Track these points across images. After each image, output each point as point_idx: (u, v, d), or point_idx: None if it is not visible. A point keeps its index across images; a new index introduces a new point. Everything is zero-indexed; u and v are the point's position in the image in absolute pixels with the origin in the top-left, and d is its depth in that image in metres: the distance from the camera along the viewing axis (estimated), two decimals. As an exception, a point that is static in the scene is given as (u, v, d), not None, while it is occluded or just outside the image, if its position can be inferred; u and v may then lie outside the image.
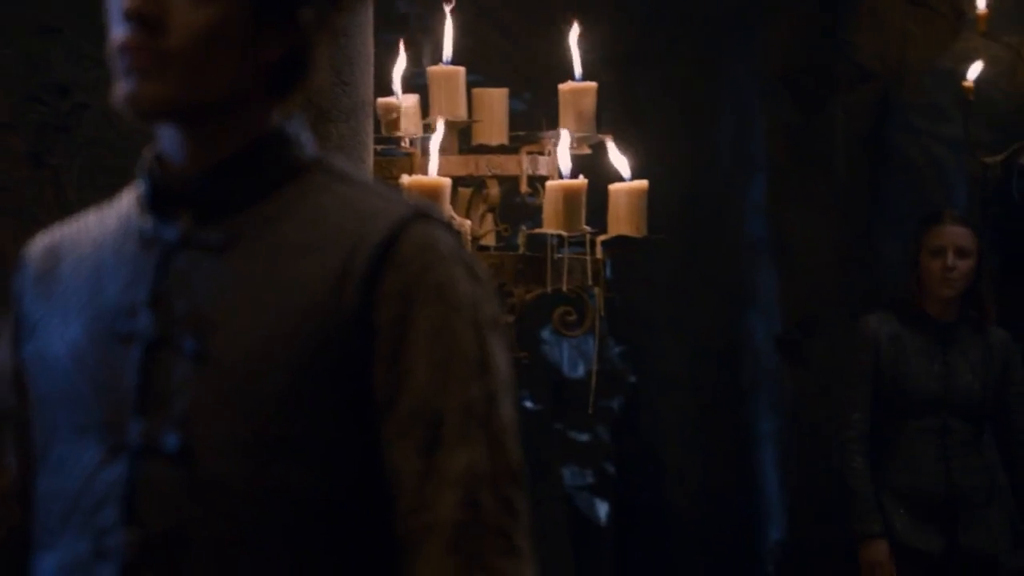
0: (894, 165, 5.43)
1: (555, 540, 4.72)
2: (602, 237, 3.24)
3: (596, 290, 3.27)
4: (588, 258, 3.23)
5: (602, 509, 4.98)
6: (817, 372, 5.39)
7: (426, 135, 3.23)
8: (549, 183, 3.24)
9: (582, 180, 3.22)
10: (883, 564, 4.18)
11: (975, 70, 4.67)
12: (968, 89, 4.63)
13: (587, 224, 3.22)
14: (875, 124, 5.45)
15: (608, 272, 3.39)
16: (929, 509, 4.17)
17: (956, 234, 4.26)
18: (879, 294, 5.45)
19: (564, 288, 3.22)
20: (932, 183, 5.40)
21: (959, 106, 4.80)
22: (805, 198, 5.41)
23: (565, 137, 3.23)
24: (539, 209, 3.28)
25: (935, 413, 4.19)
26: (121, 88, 1.43)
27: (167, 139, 1.48)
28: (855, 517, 4.20)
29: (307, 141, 1.51)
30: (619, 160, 3.27)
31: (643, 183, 3.26)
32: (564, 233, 3.19)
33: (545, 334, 4.83)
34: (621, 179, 3.27)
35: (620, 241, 3.24)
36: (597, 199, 3.27)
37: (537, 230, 3.25)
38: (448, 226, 1.45)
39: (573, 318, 3.28)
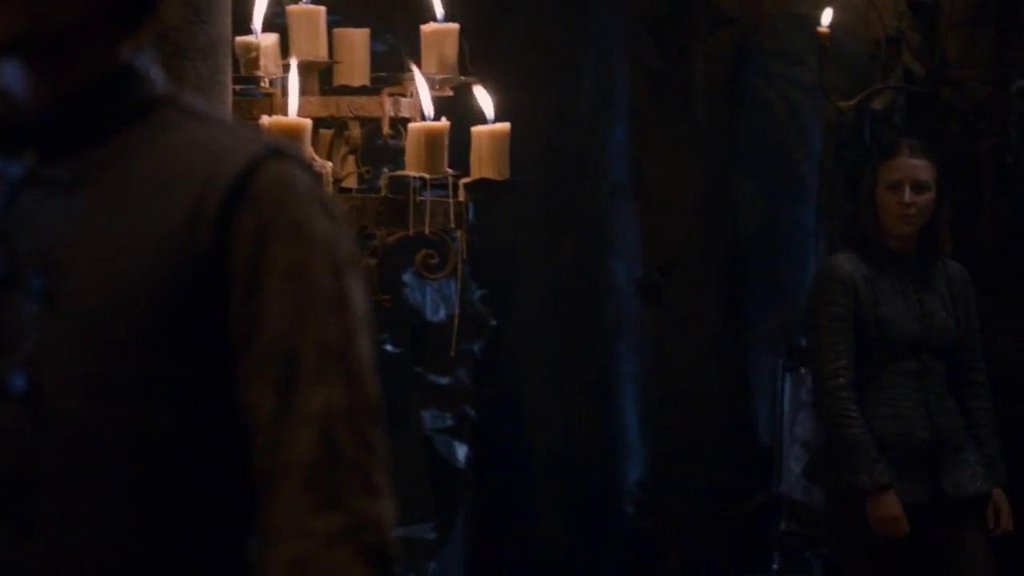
0: (752, 109, 5.50)
1: (414, 482, 4.73)
2: (465, 180, 3.24)
3: (458, 233, 3.27)
4: (451, 201, 3.22)
5: (461, 451, 5.00)
6: (677, 314, 5.46)
7: (286, 75, 3.18)
8: (411, 125, 3.22)
9: (444, 122, 3.20)
10: (899, 518, 3.84)
11: (829, 16, 4.73)
12: (823, 35, 4.69)
13: (450, 167, 3.21)
14: (734, 69, 5.51)
15: (471, 215, 3.38)
16: (914, 457, 3.91)
17: (914, 167, 3.96)
18: (737, 236, 5.54)
19: (426, 231, 3.21)
20: (788, 127, 5.48)
21: (814, 51, 4.86)
22: (666, 142, 5.45)
23: (422, 79, 3.21)
24: (401, 151, 3.26)
25: (915, 355, 3.95)
26: (-41, 22, 1.39)
27: (9, 73, 1.43)
28: (860, 468, 3.84)
29: (158, 77, 1.47)
30: (484, 102, 3.26)
31: (505, 126, 3.26)
32: (426, 175, 3.17)
33: (407, 277, 4.82)
34: (484, 121, 3.26)
35: (483, 184, 3.24)
36: (460, 142, 3.26)
37: (399, 172, 3.23)
38: (304, 164, 1.44)
39: (435, 261, 3.28)
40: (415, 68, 3.23)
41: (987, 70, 5.08)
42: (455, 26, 3.34)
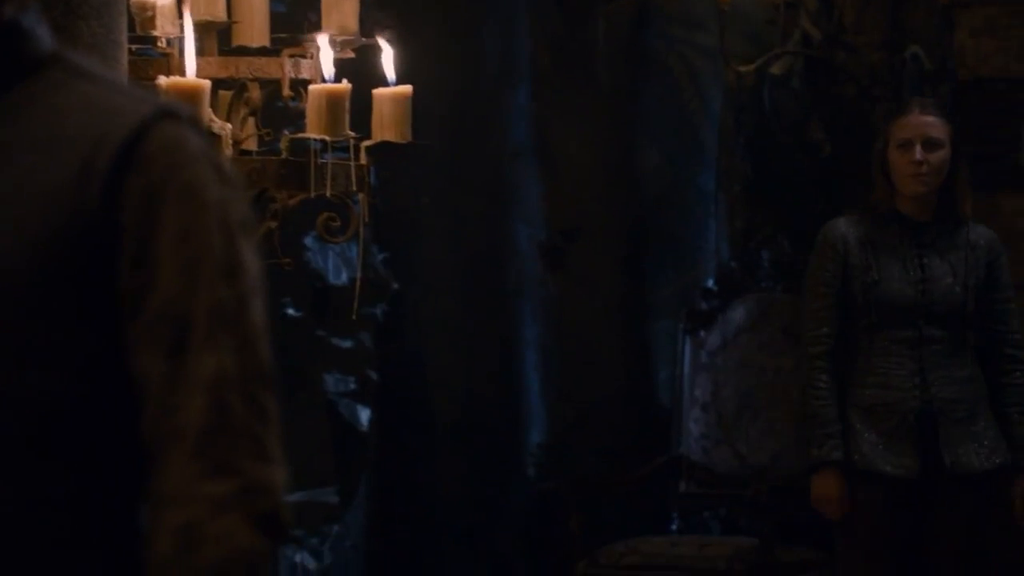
0: (653, 73, 5.52)
1: (316, 447, 4.71)
2: (366, 143, 3.22)
3: (360, 196, 3.26)
4: (352, 164, 3.21)
5: (364, 415, 5.00)
6: (579, 278, 5.48)
7: (183, 35, 3.14)
8: (312, 87, 3.20)
9: (345, 85, 3.19)
10: (836, 500, 3.77)
11: (728, -20, 4.76)
12: (723, 0, 4.73)
13: (351, 129, 3.19)
14: (635, 33, 5.53)
15: (372, 178, 3.37)
16: (903, 428, 3.75)
17: (925, 124, 3.80)
18: (639, 200, 5.56)
19: (328, 194, 3.20)
20: (689, 92, 5.52)
21: (714, 16, 4.89)
22: (569, 106, 5.46)
23: (325, 41, 3.19)
24: (302, 113, 3.23)
25: (911, 322, 3.77)
26: None
27: None
28: (813, 441, 3.77)
29: (44, 35, 1.44)
30: (387, 63, 3.25)
31: (407, 88, 3.25)
32: (327, 138, 3.16)
33: (308, 240, 4.79)
34: (386, 84, 3.24)
35: (385, 147, 3.23)
36: (362, 104, 3.24)
37: (300, 135, 3.21)
38: (197, 126, 1.42)
39: (337, 224, 3.26)
40: (324, 32, 3.20)
41: (882, 35, 5.15)
42: (356, -13, 3.31)
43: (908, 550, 3.81)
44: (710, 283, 5.43)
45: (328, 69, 3.18)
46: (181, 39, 3.15)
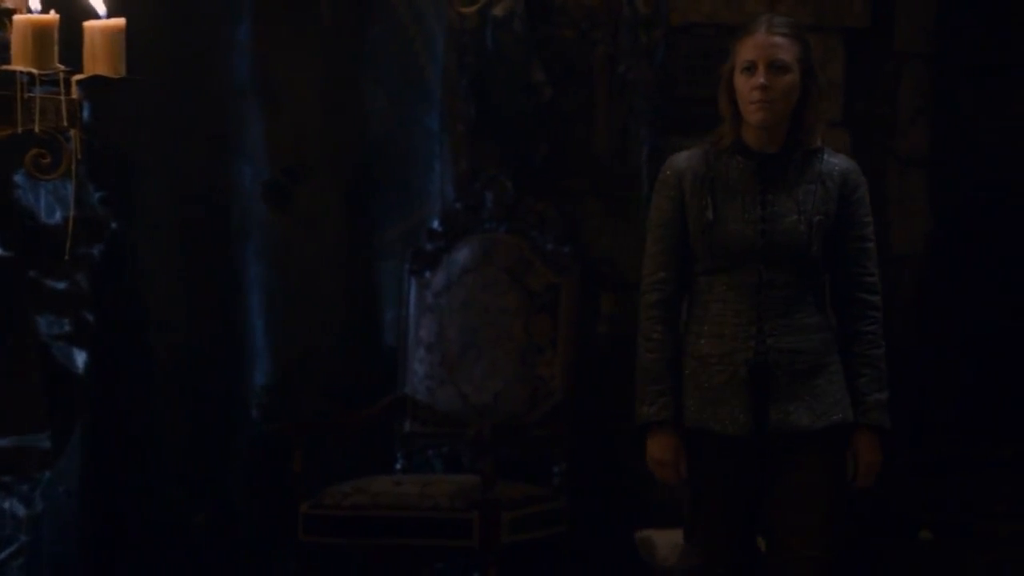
0: (377, 11, 5.50)
1: (27, 391, 4.59)
2: (78, 77, 3.13)
3: (72, 132, 3.16)
4: (63, 98, 3.11)
5: (80, 358, 4.88)
6: (304, 218, 5.45)
7: None
8: (16, 17, 3.08)
9: (54, 15, 3.08)
10: (667, 463, 3.40)
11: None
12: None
13: (61, 63, 3.09)
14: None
15: (86, 114, 3.27)
16: (734, 382, 3.39)
17: (772, 45, 3.39)
18: (365, 139, 5.55)
19: (37, 129, 3.10)
20: (414, 31, 5.52)
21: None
22: (291, 44, 5.40)
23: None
24: (6, 45, 3.11)
25: (751, 265, 3.40)
26: None
27: None
28: (645, 398, 3.40)
29: None
30: (95, -2, 3.15)
31: (120, 21, 3.15)
32: (35, 71, 3.05)
33: (18, 178, 4.63)
34: (97, 16, 3.15)
35: (97, 81, 3.14)
36: (73, 37, 3.14)
37: (5, 67, 3.09)
38: None
39: (47, 161, 3.16)
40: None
41: (601, -22, 5.25)
42: (63, -88, 3.20)
43: (754, 508, 3.42)
44: (435, 224, 5.46)
45: (35, -1, 3.07)
46: None
